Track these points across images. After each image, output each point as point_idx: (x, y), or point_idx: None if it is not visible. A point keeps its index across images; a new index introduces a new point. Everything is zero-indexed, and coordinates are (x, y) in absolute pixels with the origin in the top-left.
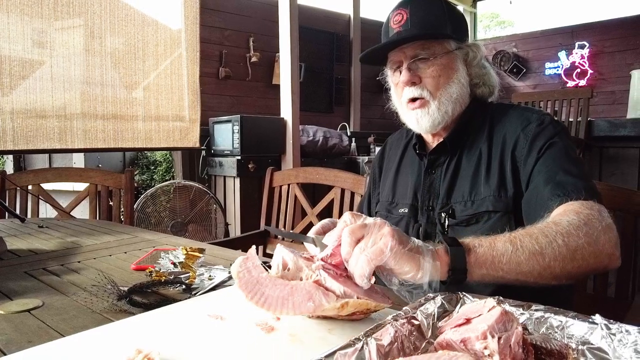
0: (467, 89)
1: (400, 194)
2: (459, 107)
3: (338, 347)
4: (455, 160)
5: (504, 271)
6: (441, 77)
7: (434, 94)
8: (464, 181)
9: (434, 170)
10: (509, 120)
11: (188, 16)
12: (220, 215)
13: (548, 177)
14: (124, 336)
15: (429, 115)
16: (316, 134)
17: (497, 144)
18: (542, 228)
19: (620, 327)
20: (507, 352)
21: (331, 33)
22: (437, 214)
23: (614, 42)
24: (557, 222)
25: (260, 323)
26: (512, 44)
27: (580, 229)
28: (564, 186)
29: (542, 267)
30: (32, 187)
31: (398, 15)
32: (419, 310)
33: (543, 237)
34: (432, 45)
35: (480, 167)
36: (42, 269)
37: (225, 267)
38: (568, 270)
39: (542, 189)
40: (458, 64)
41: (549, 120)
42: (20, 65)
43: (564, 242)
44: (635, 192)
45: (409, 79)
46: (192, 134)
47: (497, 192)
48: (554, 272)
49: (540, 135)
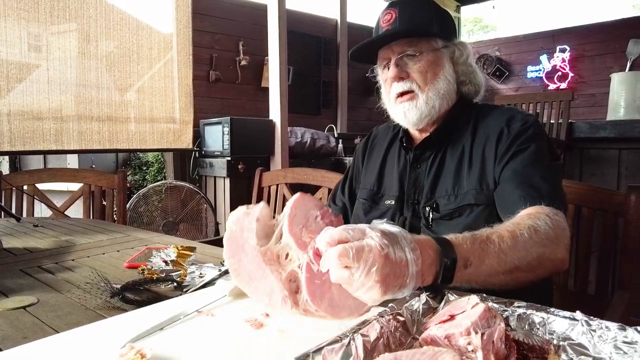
0: (453, 86)
1: (386, 185)
2: (446, 104)
3: (326, 342)
4: (440, 156)
5: (477, 283)
6: (428, 72)
7: (422, 87)
8: (448, 177)
9: (419, 165)
10: (493, 118)
11: (181, 20)
12: (210, 215)
13: (523, 179)
14: (117, 332)
15: (416, 108)
16: (304, 135)
17: (480, 139)
18: (527, 238)
19: (600, 323)
20: (490, 347)
21: (319, 37)
22: (422, 208)
23: (594, 46)
24: (537, 228)
25: (249, 319)
26: (495, 47)
27: (550, 238)
28: (539, 190)
29: (512, 278)
30: (28, 187)
31: (387, 14)
32: (404, 307)
33: (523, 250)
34: (420, 42)
35: (462, 162)
36: (37, 267)
37: (216, 265)
38: (530, 279)
39: (514, 189)
40: (445, 62)
41: (532, 121)
42: (17, 68)
43: (537, 253)
44: (615, 192)
45: (397, 74)
46: (185, 136)
47: (478, 185)
48: (519, 281)
49: (523, 134)
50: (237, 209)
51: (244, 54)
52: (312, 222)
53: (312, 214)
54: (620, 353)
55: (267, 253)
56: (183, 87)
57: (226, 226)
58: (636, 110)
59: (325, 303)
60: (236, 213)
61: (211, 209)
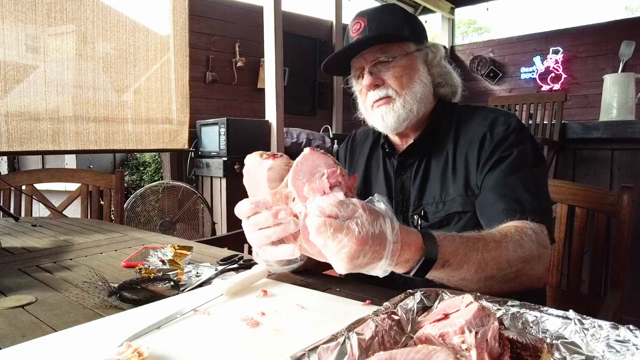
0: (430, 89)
1: (373, 191)
2: (424, 107)
3: (321, 341)
4: (425, 162)
5: (448, 282)
6: (403, 77)
7: (399, 92)
8: (434, 183)
9: (404, 171)
10: (475, 121)
11: (177, 22)
12: (207, 215)
13: (505, 190)
14: (115, 331)
15: (393, 111)
16: (300, 136)
17: (463, 144)
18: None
19: (593, 322)
20: (483, 346)
21: (314, 39)
22: (411, 217)
23: (587, 48)
24: (522, 244)
25: (245, 318)
26: (488, 49)
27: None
28: (522, 204)
29: (485, 285)
30: (26, 187)
31: (356, 24)
32: (399, 306)
33: (505, 263)
34: (391, 48)
35: (447, 168)
36: (35, 266)
37: (212, 264)
38: (504, 290)
39: (497, 200)
40: (419, 65)
41: (515, 124)
42: (14, 70)
43: (517, 268)
44: (608, 193)
45: (372, 82)
46: (182, 136)
47: (464, 191)
48: (492, 290)
49: (505, 140)
50: (253, 154)
51: (240, 56)
52: (317, 178)
53: (320, 171)
54: (612, 351)
55: (277, 195)
56: (179, 88)
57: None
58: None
59: (316, 249)
60: (251, 159)
61: (208, 208)
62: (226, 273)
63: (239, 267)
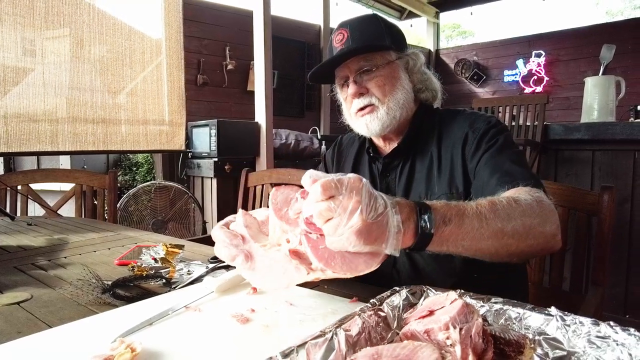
0: (411, 95)
1: None
2: (406, 112)
3: (309, 337)
4: (409, 164)
5: (464, 248)
6: (386, 85)
7: (382, 100)
8: (419, 182)
9: (389, 173)
10: (457, 123)
11: (172, 25)
12: (198, 214)
13: (495, 167)
14: (108, 327)
15: (378, 119)
16: (288, 137)
17: (446, 145)
18: (505, 205)
19: (574, 318)
20: (468, 342)
21: (302, 42)
22: None
23: (569, 51)
24: (517, 199)
25: (235, 315)
26: (472, 52)
27: (534, 210)
28: (512, 174)
29: (500, 244)
30: (22, 187)
31: (339, 35)
32: (385, 303)
33: (505, 215)
34: (374, 57)
35: (432, 168)
36: (30, 264)
37: (203, 262)
38: (522, 249)
39: (489, 178)
40: (400, 72)
41: (495, 120)
42: (12, 72)
43: (522, 221)
44: (589, 192)
45: (356, 90)
46: (178, 137)
47: (448, 189)
48: (509, 249)
49: (488, 132)
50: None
51: (230, 59)
52: (293, 203)
53: (292, 196)
54: (593, 347)
55: (268, 246)
56: (175, 90)
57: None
58: (609, 113)
59: (338, 263)
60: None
61: (199, 208)
62: (217, 271)
63: (229, 265)
